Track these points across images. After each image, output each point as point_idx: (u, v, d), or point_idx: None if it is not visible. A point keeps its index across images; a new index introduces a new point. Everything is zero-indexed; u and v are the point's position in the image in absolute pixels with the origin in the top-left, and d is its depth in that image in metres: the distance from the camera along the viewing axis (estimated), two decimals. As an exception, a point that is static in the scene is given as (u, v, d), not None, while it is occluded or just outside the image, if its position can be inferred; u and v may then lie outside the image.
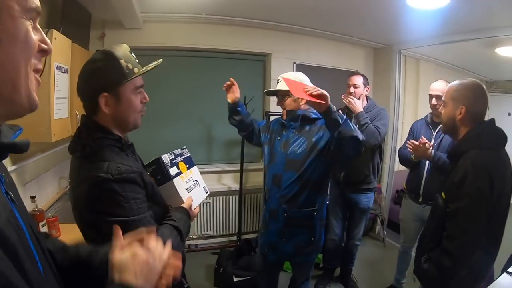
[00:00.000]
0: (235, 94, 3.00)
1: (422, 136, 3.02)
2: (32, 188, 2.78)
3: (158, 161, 1.79)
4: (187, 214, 1.73)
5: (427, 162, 3.16)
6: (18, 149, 0.69)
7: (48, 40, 0.73)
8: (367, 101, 3.63)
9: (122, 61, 1.42)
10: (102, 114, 1.44)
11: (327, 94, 2.18)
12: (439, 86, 3.14)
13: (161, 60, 1.56)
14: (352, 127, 2.22)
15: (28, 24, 0.67)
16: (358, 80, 3.57)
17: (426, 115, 3.40)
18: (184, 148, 2.10)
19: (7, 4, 0.63)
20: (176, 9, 3.94)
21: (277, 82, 2.70)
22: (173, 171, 1.83)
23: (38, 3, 0.70)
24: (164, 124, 4.34)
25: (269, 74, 4.79)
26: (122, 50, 1.47)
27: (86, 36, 3.77)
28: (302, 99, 2.52)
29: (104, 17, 3.94)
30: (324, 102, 2.16)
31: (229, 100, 3.02)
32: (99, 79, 1.42)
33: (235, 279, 3.70)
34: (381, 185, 5.13)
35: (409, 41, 4.92)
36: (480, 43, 4.33)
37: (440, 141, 3.12)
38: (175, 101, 4.46)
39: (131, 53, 1.50)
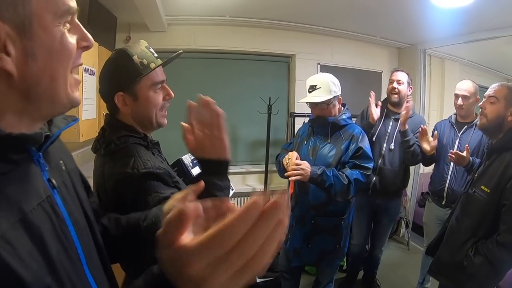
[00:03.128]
0: None
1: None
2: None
3: (179, 162, 1.75)
4: None
5: (452, 164, 3.10)
6: (28, 140, 0.64)
7: (88, 35, 0.71)
8: None
9: (135, 57, 1.36)
10: (123, 113, 1.42)
11: (302, 172, 2.37)
12: (466, 86, 3.07)
13: (181, 51, 1.51)
14: (338, 187, 2.41)
15: (63, 30, 0.64)
16: (402, 76, 3.36)
17: (450, 116, 3.32)
18: None
19: (37, 15, 0.59)
20: (200, 12, 3.98)
21: (311, 88, 2.58)
22: (195, 171, 1.78)
23: (71, 3, 0.65)
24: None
25: (294, 75, 4.79)
26: (138, 47, 1.41)
27: (112, 39, 3.84)
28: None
29: (129, 21, 4.01)
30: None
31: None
32: (113, 79, 1.39)
33: (258, 280, 3.70)
34: (406, 188, 5.05)
35: (433, 40, 4.85)
36: (506, 41, 4.24)
37: (467, 143, 3.03)
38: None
39: (148, 49, 1.43)
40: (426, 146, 3.07)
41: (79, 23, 0.69)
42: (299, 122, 4.26)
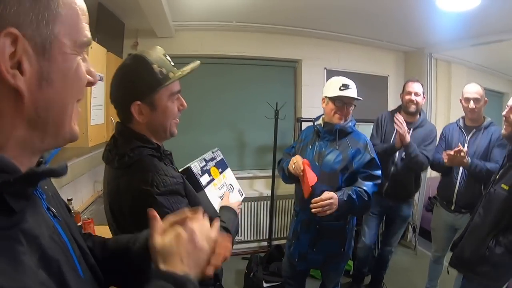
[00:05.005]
0: None
1: (459, 144, 2.91)
2: (68, 191, 2.87)
3: (189, 170, 1.71)
4: (234, 213, 1.68)
5: (461, 168, 3.07)
6: (56, 174, 0.63)
7: (94, 71, 0.71)
8: (420, 114, 3.44)
9: (155, 66, 1.31)
10: (137, 123, 1.36)
11: (332, 206, 2.37)
12: (476, 89, 3.06)
13: (198, 62, 1.44)
14: (361, 205, 2.45)
15: (79, 59, 0.65)
16: (419, 87, 3.35)
17: (458, 119, 3.30)
18: (215, 151, 1.99)
19: (59, 40, 0.60)
20: (207, 18, 4.02)
21: (343, 87, 2.57)
22: (204, 179, 1.72)
23: (90, 35, 0.67)
24: (196, 130, 4.41)
25: (300, 80, 4.81)
26: (156, 54, 1.36)
27: (120, 45, 3.87)
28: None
29: (137, 26, 4.06)
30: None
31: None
32: (130, 87, 1.32)
33: (264, 285, 3.71)
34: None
35: (440, 43, 4.84)
36: (513, 44, 4.23)
37: (476, 146, 3.04)
38: (207, 107, 4.53)
39: (166, 56, 1.38)
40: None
41: (86, 57, 0.70)
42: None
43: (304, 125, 4.45)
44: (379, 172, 2.55)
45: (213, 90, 4.56)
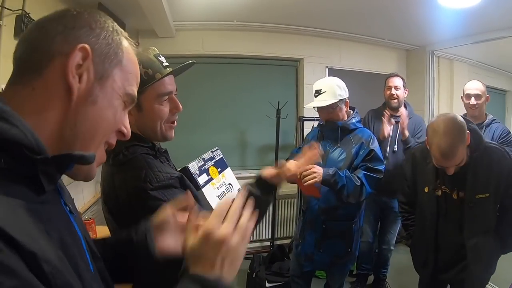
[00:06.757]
0: None
1: None
2: (70, 192, 2.86)
3: (186, 170, 1.70)
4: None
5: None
6: (85, 160, 0.70)
7: (129, 128, 0.82)
8: (406, 107, 3.54)
9: (140, 67, 1.22)
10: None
11: (315, 175, 2.29)
12: (477, 85, 3.08)
13: (191, 61, 1.41)
14: (351, 188, 2.38)
15: (121, 104, 0.77)
16: (398, 81, 3.47)
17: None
18: (215, 150, 1.99)
19: (113, 78, 0.73)
20: (207, 17, 4.01)
21: (316, 93, 2.56)
22: (202, 179, 1.74)
23: (136, 94, 0.81)
24: (197, 130, 4.39)
25: (302, 79, 4.79)
26: (145, 55, 1.33)
27: (120, 45, 3.86)
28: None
29: (137, 27, 4.05)
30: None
31: None
32: None
33: (267, 285, 3.69)
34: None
35: (442, 41, 4.83)
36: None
37: None
38: (208, 107, 4.54)
39: (157, 57, 1.34)
40: None
41: (127, 116, 0.82)
42: (308, 126, 4.25)
43: (306, 124, 4.46)
44: (380, 166, 2.50)
45: (214, 90, 4.56)
